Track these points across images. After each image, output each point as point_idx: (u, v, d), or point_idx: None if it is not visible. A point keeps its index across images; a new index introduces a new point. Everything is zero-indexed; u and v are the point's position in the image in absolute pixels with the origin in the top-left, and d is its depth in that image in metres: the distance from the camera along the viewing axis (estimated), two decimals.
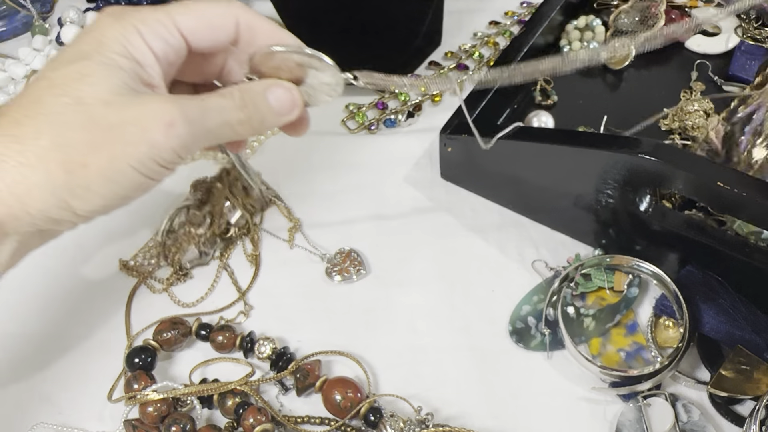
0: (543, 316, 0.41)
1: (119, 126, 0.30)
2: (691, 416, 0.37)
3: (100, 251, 0.47)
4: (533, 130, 0.48)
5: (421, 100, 0.56)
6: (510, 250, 0.46)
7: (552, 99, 0.54)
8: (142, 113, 0.31)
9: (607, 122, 0.51)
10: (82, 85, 0.30)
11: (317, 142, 0.54)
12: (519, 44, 0.52)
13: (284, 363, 0.40)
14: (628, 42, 0.37)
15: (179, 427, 0.37)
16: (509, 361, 0.40)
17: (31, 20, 0.64)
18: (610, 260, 0.42)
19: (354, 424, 0.38)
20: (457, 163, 0.48)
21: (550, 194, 0.44)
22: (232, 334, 0.41)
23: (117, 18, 0.32)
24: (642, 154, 0.37)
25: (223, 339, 0.41)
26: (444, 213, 0.48)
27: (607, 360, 0.40)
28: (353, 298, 0.44)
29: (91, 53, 0.31)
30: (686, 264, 0.40)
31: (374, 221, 0.48)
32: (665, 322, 0.40)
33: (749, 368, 0.36)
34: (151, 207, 0.49)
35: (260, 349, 0.41)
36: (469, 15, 0.64)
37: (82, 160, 0.30)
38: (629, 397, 0.38)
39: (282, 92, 0.35)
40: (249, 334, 0.41)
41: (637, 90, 0.55)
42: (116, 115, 0.30)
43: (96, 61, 0.31)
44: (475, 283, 0.44)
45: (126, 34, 0.32)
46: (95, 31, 0.32)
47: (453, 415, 0.38)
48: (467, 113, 0.40)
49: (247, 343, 0.41)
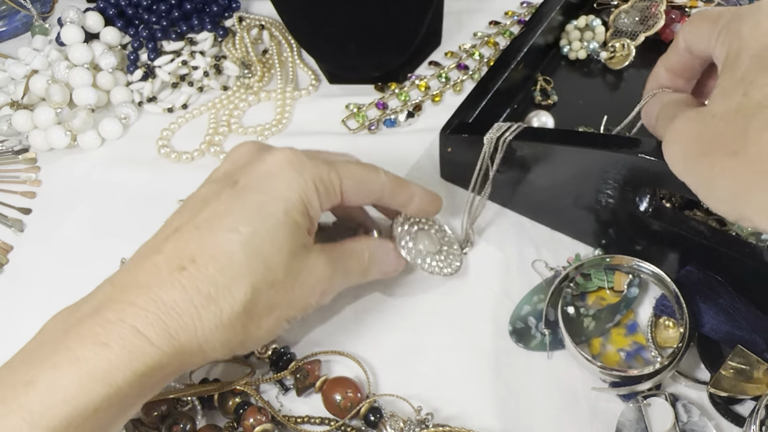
0: (543, 316, 0.41)
1: (291, 291, 0.32)
2: (691, 416, 0.37)
3: (103, 250, 0.47)
4: (533, 130, 0.48)
5: (421, 99, 0.56)
6: (510, 250, 0.46)
7: (552, 99, 0.54)
8: (308, 281, 0.33)
9: (607, 122, 0.51)
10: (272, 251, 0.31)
11: (317, 142, 0.54)
12: (519, 44, 0.52)
13: (284, 363, 0.40)
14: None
15: (179, 427, 0.37)
16: (509, 361, 0.40)
17: (31, 20, 0.64)
18: (610, 260, 0.42)
19: (354, 424, 0.38)
20: (457, 163, 0.48)
21: (550, 194, 0.44)
22: None
23: (299, 171, 0.33)
24: (642, 154, 0.37)
25: None
26: (444, 213, 0.48)
27: (607, 360, 0.40)
28: (353, 298, 0.44)
29: (276, 211, 0.32)
30: (686, 264, 0.40)
31: None
32: (665, 322, 0.40)
33: (749, 368, 0.36)
34: (155, 207, 0.49)
35: (261, 349, 0.40)
36: (469, 15, 0.64)
37: (259, 323, 0.32)
38: (629, 397, 0.38)
39: (394, 258, 0.40)
40: None
41: (637, 90, 0.54)
42: (291, 283, 0.32)
43: (282, 222, 0.32)
44: (475, 283, 0.44)
45: (308, 192, 0.33)
46: (279, 182, 0.33)
47: (453, 415, 0.38)
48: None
49: None
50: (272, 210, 0.32)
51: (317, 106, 0.57)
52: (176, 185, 0.51)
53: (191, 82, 0.58)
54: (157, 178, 0.52)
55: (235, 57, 0.60)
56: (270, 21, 0.63)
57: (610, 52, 0.56)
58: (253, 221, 0.31)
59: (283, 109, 0.56)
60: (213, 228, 0.31)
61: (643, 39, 0.56)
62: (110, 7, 0.59)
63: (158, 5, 0.60)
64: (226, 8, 0.63)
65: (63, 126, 0.53)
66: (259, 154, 0.35)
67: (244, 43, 0.61)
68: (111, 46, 0.59)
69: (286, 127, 0.56)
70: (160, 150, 0.54)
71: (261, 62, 0.60)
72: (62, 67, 0.55)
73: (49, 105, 0.53)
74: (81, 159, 0.54)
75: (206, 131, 0.55)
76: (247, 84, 0.58)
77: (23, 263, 0.47)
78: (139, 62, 0.60)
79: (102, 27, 0.59)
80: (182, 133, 0.56)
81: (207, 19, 0.60)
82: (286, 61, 0.61)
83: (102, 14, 0.59)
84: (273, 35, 0.63)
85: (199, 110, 0.57)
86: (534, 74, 0.56)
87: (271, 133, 0.55)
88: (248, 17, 0.63)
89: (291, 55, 0.61)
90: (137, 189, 0.52)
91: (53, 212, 0.51)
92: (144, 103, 0.58)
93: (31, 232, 0.50)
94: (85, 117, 0.53)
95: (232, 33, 0.62)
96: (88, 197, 0.51)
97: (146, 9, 0.60)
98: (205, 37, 0.61)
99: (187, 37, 0.61)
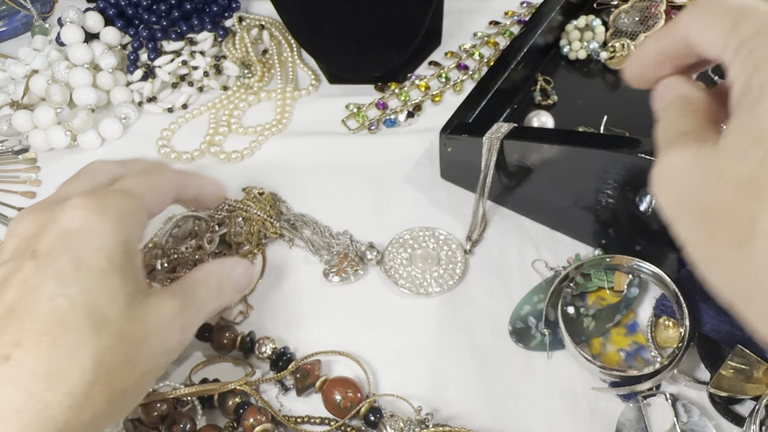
0: (543, 316, 0.41)
1: (144, 341, 0.29)
2: (691, 416, 0.37)
3: None
4: (533, 130, 0.48)
5: (421, 99, 0.56)
6: (510, 250, 0.46)
7: (552, 99, 0.54)
8: (159, 322, 0.30)
9: (607, 122, 0.51)
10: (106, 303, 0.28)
11: (317, 142, 0.54)
12: (519, 44, 0.52)
13: (284, 363, 0.40)
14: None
15: (179, 427, 0.37)
16: (509, 361, 0.40)
17: (31, 20, 0.64)
18: (610, 260, 0.42)
19: (354, 424, 0.38)
20: (457, 163, 0.48)
21: (550, 194, 0.44)
22: (232, 334, 0.41)
23: (102, 215, 0.30)
24: (642, 154, 0.37)
25: (223, 339, 0.41)
26: (444, 213, 0.48)
27: (607, 360, 0.40)
28: (353, 298, 0.44)
29: (98, 263, 0.29)
30: (686, 264, 0.40)
31: (374, 221, 0.48)
32: (665, 322, 0.40)
33: (749, 368, 0.36)
34: None
35: (261, 349, 0.41)
36: (469, 15, 0.64)
37: (122, 387, 0.28)
38: (629, 397, 0.38)
39: (244, 272, 0.38)
40: (249, 334, 0.41)
41: (637, 90, 0.54)
42: (141, 330, 0.29)
43: (107, 270, 0.29)
44: (475, 283, 0.44)
45: (120, 231, 0.30)
46: (87, 234, 0.29)
47: (453, 415, 0.38)
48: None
49: (247, 343, 0.41)
50: (92, 263, 0.29)
51: (317, 106, 0.57)
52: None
53: (191, 82, 0.58)
54: None
55: (235, 57, 0.60)
56: (270, 21, 0.63)
57: (610, 52, 0.56)
58: (76, 280, 0.28)
59: (283, 109, 0.56)
60: (30, 303, 0.27)
61: (643, 39, 0.56)
62: (110, 7, 0.59)
63: (158, 5, 0.60)
64: (226, 8, 0.63)
65: (63, 126, 0.53)
66: (49, 216, 0.30)
67: (244, 43, 0.61)
68: (111, 46, 0.59)
69: (286, 127, 0.56)
70: (160, 150, 0.54)
71: (261, 62, 0.60)
72: (62, 67, 0.55)
73: (49, 105, 0.53)
74: (81, 159, 0.54)
75: (206, 131, 0.55)
76: (247, 84, 0.58)
77: None
78: (139, 62, 0.60)
79: (102, 27, 0.59)
80: (182, 133, 0.56)
81: (207, 19, 0.61)
82: (286, 61, 0.61)
83: (102, 14, 0.59)
84: (273, 35, 0.63)
85: (199, 110, 0.57)
86: (534, 74, 0.56)
87: (270, 133, 0.55)
88: (248, 17, 0.63)
89: (291, 55, 0.61)
90: None
91: None
92: (144, 103, 0.58)
93: None
94: (85, 117, 0.53)
95: (232, 33, 0.62)
96: None
97: (146, 9, 0.60)
98: (205, 37, 0.61)
99: (187, 37, 0.61)
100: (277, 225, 0.47)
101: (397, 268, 0.45)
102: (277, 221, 0.47)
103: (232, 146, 0.54)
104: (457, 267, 0.44)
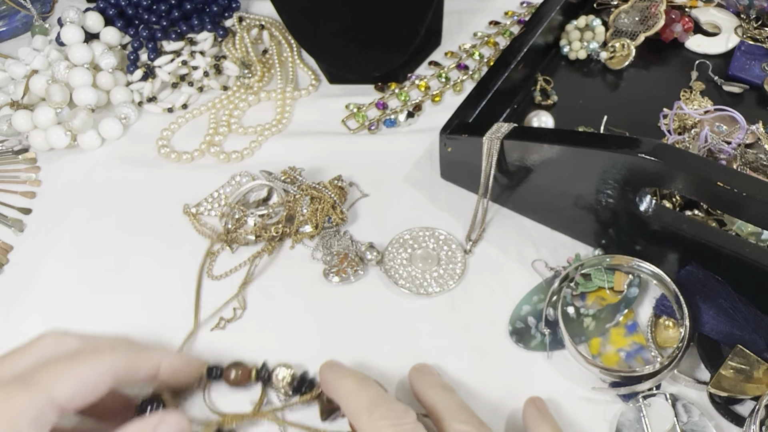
0: (543, 316, 0.41)
1: None
2: (691, 416, 0.37)
3: (102, 250, 0.48)
4: (533, 130, 0.48)
5: (421, 99, 0.56)
6: (510, 250, 0.46)
7: (552, 99, 0.54)
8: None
9: (607, 122, 0.51)
10: None
11: (317, 142, 0.54)
12: (519, 44, 0.52)
13: (307, 387, 0.38)
14: None
15: None
16: (509, 361, 0.40)
17: (31, 20, 0.64)
18: (610, 260, 0.42)
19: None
20: (457, 163, 0.48)
21: (550, 194, 0.44)
22: (244, 368, 0.39)
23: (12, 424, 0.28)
24: (642, 154, 0.37)
25: (237, 374, 0.39)
26: (444, 213, 0.48)
27: (607, 360, 0.40)
28: (353, 298, 0.44)
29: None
30: (686, 264, 0.40)
31: (374, 221, 0.48)
32: (665, 322, 0.40)
33: (749, 368, 0.36)
34: (155, 207, 0.50)
35: (279, 376, 0.39)
36: (469, 15, 0.64)
37: None
38: (629, 397, 0.38)
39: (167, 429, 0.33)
40: (263, 365, 0.39)
41: (637, 90, 0.55)
42: None
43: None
44: (475, 283, 0.44)
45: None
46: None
47: None
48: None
49: (264, 374, 0.39)
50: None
51: (317, 106, 0.57)
52: (176, 185, 0.51)
53: (191, 82, 0.58)
54: (157, 178, 0.52)
55: (235, 57, 0.60)
56: (270, 21, 0.64)
57: (610, 52, 0.56)
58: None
59: (283, 109, 0.56)
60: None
61: (643, 39, 0.56)
62: (110, 7, 0.59)
63: (158, 5, 0.60)
64: (226, 8, 0.63)
65: (63, 126, 0.53)
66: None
67: (244, 43, 0.61)
68: (111, 46, 0.59)
69: (286, 127, 0.56)
70: (160, 150, 0.54)
71: (261, 62, 0.60)
72: (62, 67, 0.55)
73: (49, 105, 0.53)
74: (81, 159, 0.54)
75: (206, 131, 0.55)
76: (247, 84, 0.58)
77: (23, 263, 0.47)
78: (139, 62, 0.60)
79: (102, 27, 0.59)
80: (182, 133, 0.56)
81: (207, 19, 0.61)
82: (286, 61, 0.61)
83: (102, 14, 0.59)
84: (273, 35, 0.63)
85: (199, 110, 0.57)
86: (534, 74, 0.56)
87: (270, 133, 0.55)
88: (248, 17, 0.63)
89: (291, 55, 0.61)
90: (137, 189, 0.52)
91: (53, 212, 0.51)
92: (144, 103, 0.58)
93: (31, 232, 0.49)
94: (85, 117, 0.53)
95: (232, 33, 0.62)
96: (88, 197, 0.51)
97: (146, 9, 0.60)
98: (205, 37, 0.61)
99: (187, 37, 0.61)
100: (346, 212, 0.47)
101: (397, 268, 0.45)
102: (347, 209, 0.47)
103: (232, 146, 0.54)
104: (457, 267, 0.45)
